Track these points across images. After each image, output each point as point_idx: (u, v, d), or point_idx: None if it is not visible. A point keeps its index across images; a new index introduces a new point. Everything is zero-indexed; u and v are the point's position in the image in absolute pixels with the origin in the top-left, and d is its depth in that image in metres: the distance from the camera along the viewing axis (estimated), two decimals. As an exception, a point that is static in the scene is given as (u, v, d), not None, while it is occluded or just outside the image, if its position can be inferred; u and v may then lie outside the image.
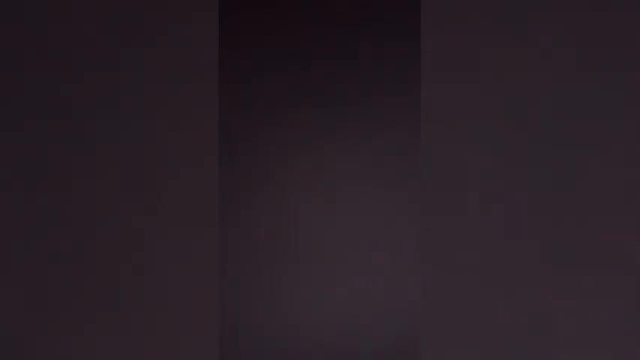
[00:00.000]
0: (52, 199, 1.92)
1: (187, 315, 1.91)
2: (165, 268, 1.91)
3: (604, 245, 1.89)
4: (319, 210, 1.91)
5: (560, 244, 1.89)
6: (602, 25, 1.90)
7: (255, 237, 1.92)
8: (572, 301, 1.89)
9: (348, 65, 1.92)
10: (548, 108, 1.90)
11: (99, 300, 1.92)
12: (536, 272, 1.89)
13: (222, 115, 1.93)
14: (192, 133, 1.92)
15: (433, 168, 1.91)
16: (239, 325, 1.91)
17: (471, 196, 1.90)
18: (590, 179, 1.89)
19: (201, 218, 1.91)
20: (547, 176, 1.90)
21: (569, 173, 1.90)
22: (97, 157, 1.93)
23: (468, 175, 1.90)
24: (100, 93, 1.93)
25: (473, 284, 1.89)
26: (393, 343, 1.90)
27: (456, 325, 1.90)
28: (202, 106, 1.93)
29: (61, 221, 1.92)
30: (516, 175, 1.90)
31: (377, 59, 1.92)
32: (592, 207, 1.89)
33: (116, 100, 1.93)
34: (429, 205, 1.90)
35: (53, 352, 1.92)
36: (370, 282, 1.91)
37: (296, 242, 1.91)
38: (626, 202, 1.89)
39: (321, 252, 1.91)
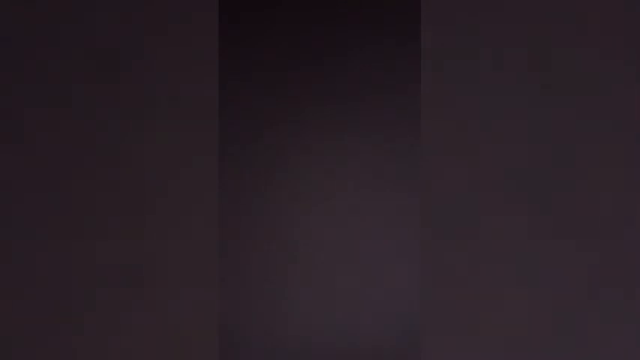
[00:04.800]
0: (52, 199, 1.92)
1: (187, 315, 1.91)
2: (165, 269, 1.91)
3: (605, 246, 1.89)
4: (319, 210, 1.91)
5: (560, 244, 1.89)
6: (603, 25, 1.90)
7: (255, 237, 1.92)
8: (573, 301, 1.89)
9: (348, 65, 1.92)
10: (549, 108, 1.90)
11: (98, 299, 1.92)
12: (535, 272, 1.89)
13: (222, 115, 1.93)
14: (192, 133, 1.92)
15: (433, 168, 1.91)
16: (239, 325, 1.91)
17: (470, 197, 1.90)
18: (592, 179, 1.89)
19: (201, 218, 1.91)
20: (548, 176, 1.90)
21: (570, 173, 1.90)
22: (96, 157, 1.93)
23: (467, 175, 1.90)
24: (100, 93, 1.93)
25: (473, 284, 1.90)
26: (393, 343, 1.90)
27: (456, 325, 1.90)
28: (202, 106, 1.92)
29: (61, 221, 1.92)
30: (517, 175, 1.90)
31: (377, 59, 1.92)
32: (594, 208, 1.89)
33: (116, 100, 1.93)
34: (429, 204, 1.90)
35: (53, 351, 1.92)
36: (370, 282, 1.91)
37: (296, 242, 1.91)
38: (627, 202, 1.89)
39: (320, 252, 1.91)
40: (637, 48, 1.90)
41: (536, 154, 1.90)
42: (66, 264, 1.92)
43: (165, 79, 1.93)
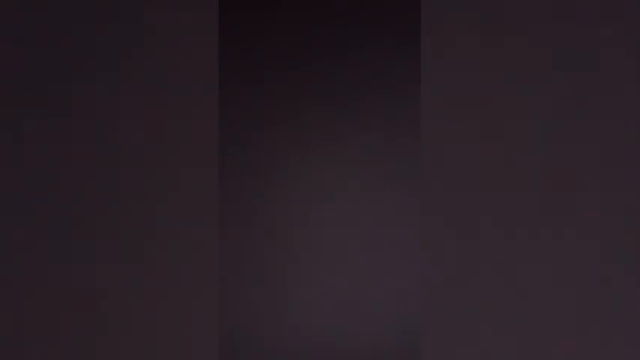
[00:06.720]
0: (51, 199, 1.92)
1: (187, 315, 1.91)
2: (165, 268, 1.91)
3: (605, 246, 1.89)
4: (319, 210, 1.91)
5: (560, 243, 1.89)
6: (604, 24, 1.90)
7: (255, 237, 1.92)
8: (573, 300, 1.89)
9: (348, 65, 1.92)
10: (550, 107, 1.90)
11: (99, 297, 1.92)
12: (536, 272, 1.89)
13: (222, 115, 1.93)
14: (192, 133, 1.92)
15: (433, 168, 1.91)
16: (239, 325, 1.91)
17: (470, 196, 1.90)
18: (593, 179, 1.89)
19: (201, 218, 1.91)
20: (548, 176, 1.90)
21: (570, 173, 1.90)
22: (97, 157, 1.93)
23: (467, 175, 1.90)
24: (100, 93, 1.93)
25: (473, 284, 1.90)
26: (393, 343, 1.90)
27: (456, 325, 1.90)
28: (202, 106, 1.93)
29: (61, 221, 1.92)
30: (517, 174, 1.90)
31: (377, 59, 1.92)
32: (594, 207, 1.89)
33: (116, 99, 1.93)
34: (429, 204, 1.90)
35: (53, 351, 1.92)
36: (370, 282, 1.91)
37: (296, 242, 1.91)
38: (628, 202, 1.89)
39: (320, 252, 1.91)
40: (637, 48, 1.90)
41: (537, 154, 1.90)
42: (65, 264, 1.93)
43: (165, 79, 1.93)
